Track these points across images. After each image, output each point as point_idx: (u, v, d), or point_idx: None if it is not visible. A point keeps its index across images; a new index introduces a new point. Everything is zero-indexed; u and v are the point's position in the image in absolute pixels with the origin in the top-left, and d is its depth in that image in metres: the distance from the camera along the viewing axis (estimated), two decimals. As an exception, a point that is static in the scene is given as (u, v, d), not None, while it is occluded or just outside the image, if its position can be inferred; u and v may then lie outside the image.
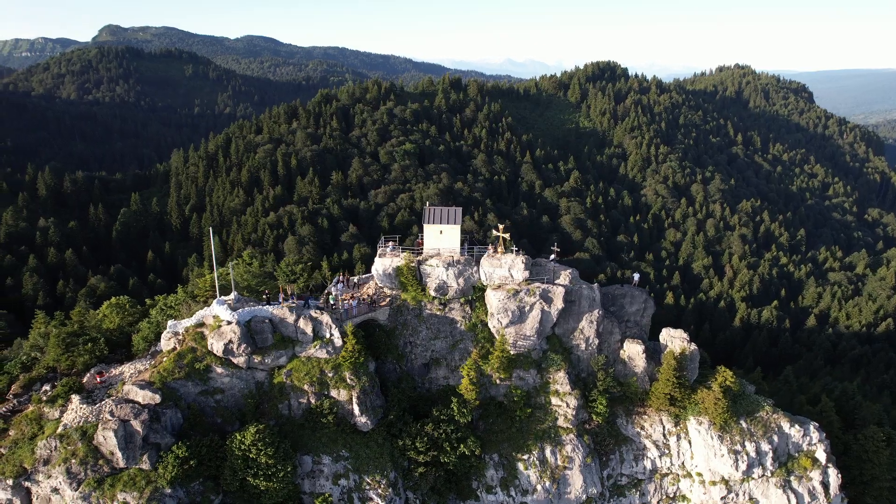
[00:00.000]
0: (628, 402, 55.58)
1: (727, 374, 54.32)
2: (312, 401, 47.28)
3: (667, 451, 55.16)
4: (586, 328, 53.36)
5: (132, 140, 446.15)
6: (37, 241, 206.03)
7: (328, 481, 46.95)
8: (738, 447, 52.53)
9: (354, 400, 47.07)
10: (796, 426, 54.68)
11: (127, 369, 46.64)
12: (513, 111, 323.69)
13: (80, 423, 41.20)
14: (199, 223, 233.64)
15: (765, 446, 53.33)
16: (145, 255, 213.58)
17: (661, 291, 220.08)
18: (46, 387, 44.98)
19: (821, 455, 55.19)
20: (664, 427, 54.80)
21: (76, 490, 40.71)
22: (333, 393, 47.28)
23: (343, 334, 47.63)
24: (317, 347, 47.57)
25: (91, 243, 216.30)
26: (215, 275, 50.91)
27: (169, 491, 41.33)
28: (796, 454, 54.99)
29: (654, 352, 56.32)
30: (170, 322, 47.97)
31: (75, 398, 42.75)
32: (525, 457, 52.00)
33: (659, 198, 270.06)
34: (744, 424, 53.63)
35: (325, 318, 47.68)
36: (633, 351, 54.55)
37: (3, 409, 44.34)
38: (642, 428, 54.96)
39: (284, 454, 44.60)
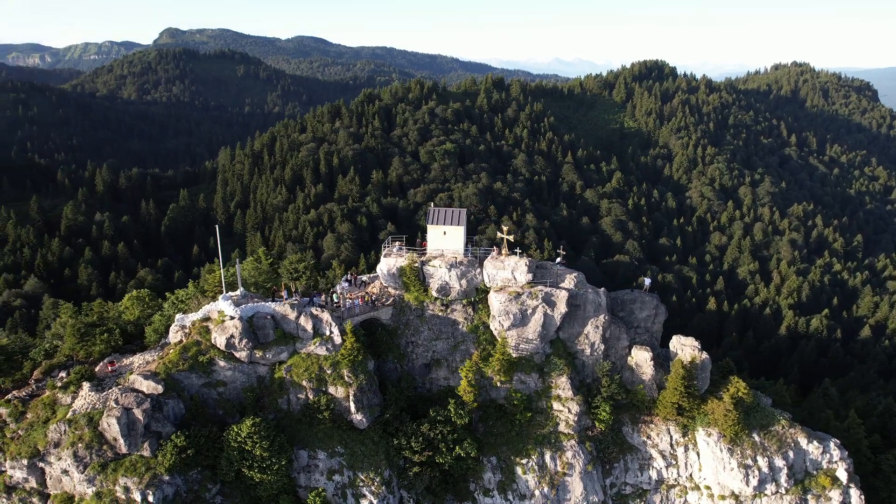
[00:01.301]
0: (635, 410, 54.29)
1: (740, 384, 52.38)
2: (310, 396, 48.31)
3: (674, 462, 53.66)
4: (591, 333, 52.45)
5: (185, 138, 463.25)
6: (93, 235, 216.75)
7: (323, 476, 47.90)
8: (750, 461, 50.58)
9: (351, 397, 47.83)
10: (815, 442, 52.25)
11: (137, 360, 48.81)
12: (556, 111, 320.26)
13: (88, 410, 43.43)
14: (244, 219, 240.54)
15: (779, 462, 51.20)
16: (191, 249, 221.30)
17: (703, 296, 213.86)
18: (62, 374, 47.62)
19: (842, 474, 52.57)
20: (671, 437, 53.32)
21: (82, 473, 42.99)
22: (331, 390, 48.17)
23: (342, 332, 48.44)
24: (316, 344, 48.57)
25: (142, 237, 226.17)
26: (221, 271, 52.60)
27: (167, 478, 43.10)
28: (815, 472, 52.57)
29: (664, 359, 54.86)
30: (178, 316, 49.87)
31: (86, 385, 45.10)
32: (524, 461, 51.56)
33: (704, 200, 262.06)
34: (756, 438, 51.62)
35: (325, 315, 48.59)
36: (641, 358, 53.26)
37: (24, 393, 47.21)
38: (648, 437, 53.62)
39: (279, 448, 45.78)
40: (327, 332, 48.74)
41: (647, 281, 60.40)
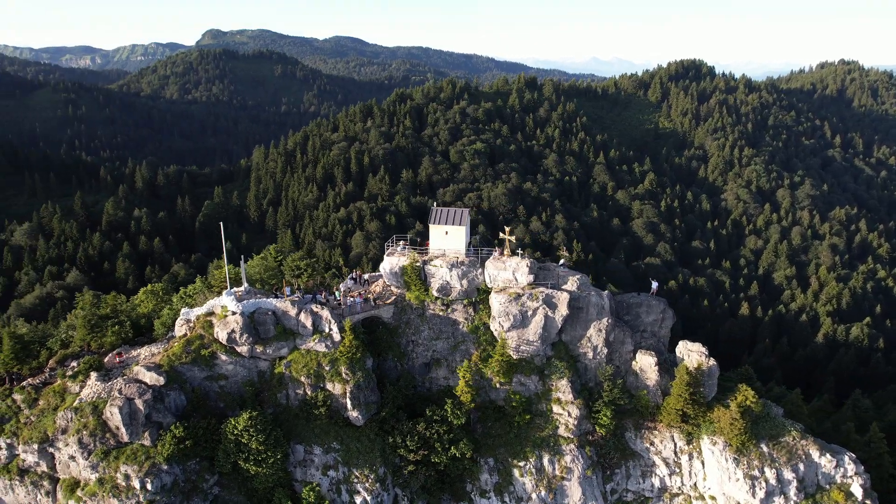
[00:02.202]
0: (638, 416, 53.22)
1: (748, 392, 50.77)
2: (308, 392, 49.02)
3: (677, 470, 52.42)
4: (594, 336, 51.66)
5: (223, 136, 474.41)
6: (131, 230, 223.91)
7: (318, 471, 48.54)
8: (756, 472, 49.04)
9: (348, 394, 48.31)
10: (827, 455, 50.31)
11: (144, 352, 50.37)
12: (589, 111, 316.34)
13: (94, 399, 45.03)
14: (275, 217, 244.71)
15: (788, 474, 49.46)
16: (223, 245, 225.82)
17: (735, 301, 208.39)
18: (74, 363, 49.48)
19: (857, 489, 50.51)
20: (676, 444, 52.08)
21: (86, 459, 44.66)
22: (329, 386, 48.75)
23: (341, 330, 48.96)
24: (316, 341, 49.23)
25: (177, 232, 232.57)
26: (226, 268, 53.84)
27: (165, 467, 44.38)
28: (827, 486, 50.62)
29: (670, 365, 53.64)
30: (183, 310, 51.28)
31: (93, 375, 46.77)
32: (521, 463, 51.16)
33: (740, 203, 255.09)
34: (765, 448, 49.97)
35: (325, 313, 49.21)
36: (645, 363, 52.18)
37: (38, 380, 49.30)
38: (652, 444, 52.51)
39: (275, 441, 46.58)
40: (326, 329, 49.37)
41: (655, 284, 59.14)
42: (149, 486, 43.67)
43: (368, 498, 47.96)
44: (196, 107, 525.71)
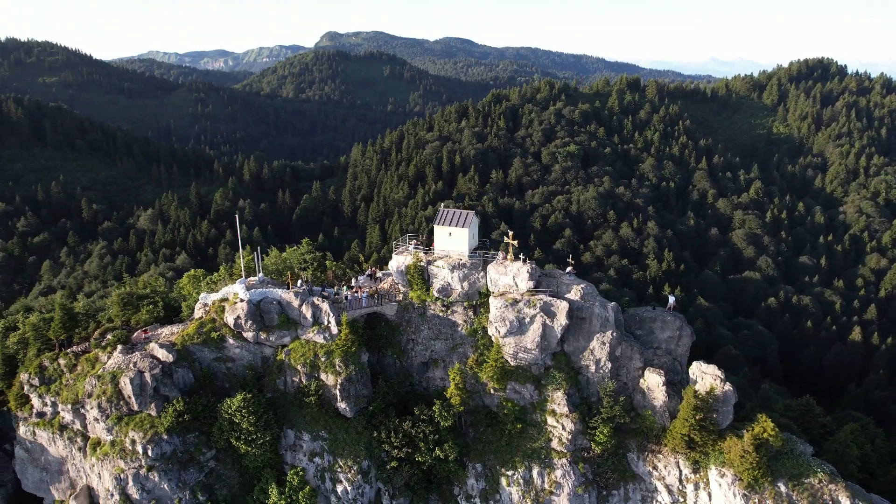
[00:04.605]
0: (642, 437, 49.96)
1: (767, 424, 46.01)
2: (303, 380, 50.95)
3: (681, 500, 48.61)
4: (597, 349, 49.20)
5: (331, 133, 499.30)
6: (235, 219, 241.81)
7: (305, 457, 50.36)
8: (770, 512, 44.46)
9: (338, 386, 49.65)
10: (859, 503, 44.54)
11: (166, 330, 54.87)
12: (694, 114, 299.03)
13: (114, 369, 49.81)
14: (367, 212, 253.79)
15: (808, 518, 44.37)
16: (317, 237, 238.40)
17: (846, 325, 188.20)
18: (109, 336, 54.96)
19: (898, 545, 44.33)
20: (681, 471, 48.36)
21: (104, 422, 49.61)
22: (322, 376, 50.39)
23: (339, 323, 50.43)
24: (315, 332, 51.05)
25: (276, 223, 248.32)
26: (241, 257, 57.23)
27: (166, 437, 48.25)
28: (859, 538, 44.87)
29: (682, 385, 49.91)
30: (202, 294, 55.22)
31: (119, 347, 51.74)
32: (510, 473, 49.85)
33: (862, 216, 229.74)
34: (782, 488, 45.10)
35: (325, 305, 50.91)
36: (653, 381, 48.89)
37: (80, 348, 55.41)
38: (655, 468, 49.13)
39: (266, 424, 48.95)
40: (325, 322, 51.12)
41: (672, 299, 55.13)
42: (150, 453, 47.83)
43: (349, 488, 49.23)
44: (309, 105, 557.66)
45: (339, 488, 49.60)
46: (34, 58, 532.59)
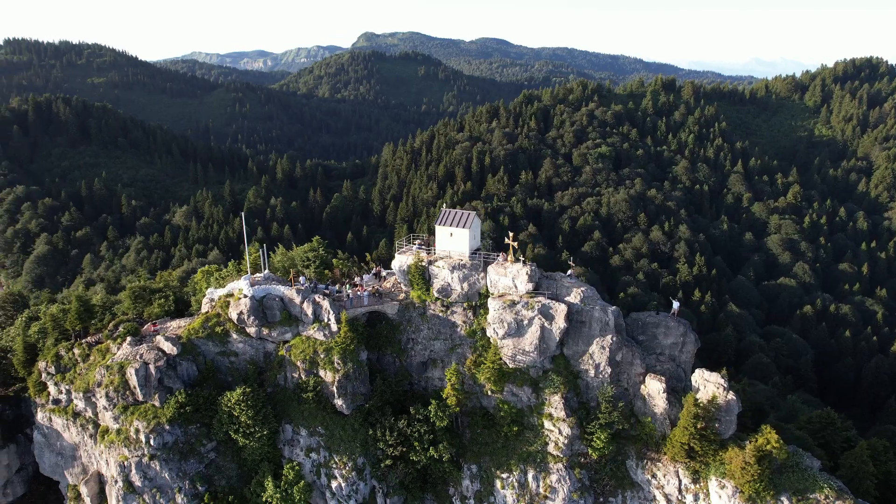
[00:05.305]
0: (642, 444, 48.86)
1: (771, 436, 44.41)
2: (303, 376, 51.56)
3: (681, 510, 47.45)
4: (597, 353, 48.34)
5: (365, 133, 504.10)
6: (267, 216, 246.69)
7: (302, 452, 50.96)
8: (771, 527, 42.90)
9: (336, 383, 50.06)
10: (868, 521, 42.62)
11: (174, 324, 56.30)
12: (732, 116, 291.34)
13: (122, 360, 51.34)
14: (395, 212, 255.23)
15: (813, 535, 42.69)
16: (346, 236, 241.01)
17: (888, 336, 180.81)
18: (121, 328, 56.66)
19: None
20: (681, 481, 47.10)
21: (111, 411, 51.21)
22: (321, 373, 50.88)
23: (339, 321, 50.88)
24: (315, 329, 51.61)
25: (306, 221, 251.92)
26: (247, 254, 58.14)
27: (168, 427, 49.50)
28: (869, 557, 42.95)
29: (686, 393, 48.58)
30: (209, 289, 56.46)
31: (128, 339, 53.31)
32: (504, 475, 49.42)
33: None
34: (786, 502, 43.48)
35: (325, 303, 51.41)
36: (654, 388, 47.73)
37: (94, 339, 57.34)
38: (654, 476, 47.97)
39: (264, 418, 49.73)
40: (325, 319, 51.67)
41: (676, 304, 53.75)
42: (152, 442, 49.18)
43: (343, 484, 49.66)
44: (343, 105, 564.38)
45: (334, 484, 50.11)
46: (84, 59, 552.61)
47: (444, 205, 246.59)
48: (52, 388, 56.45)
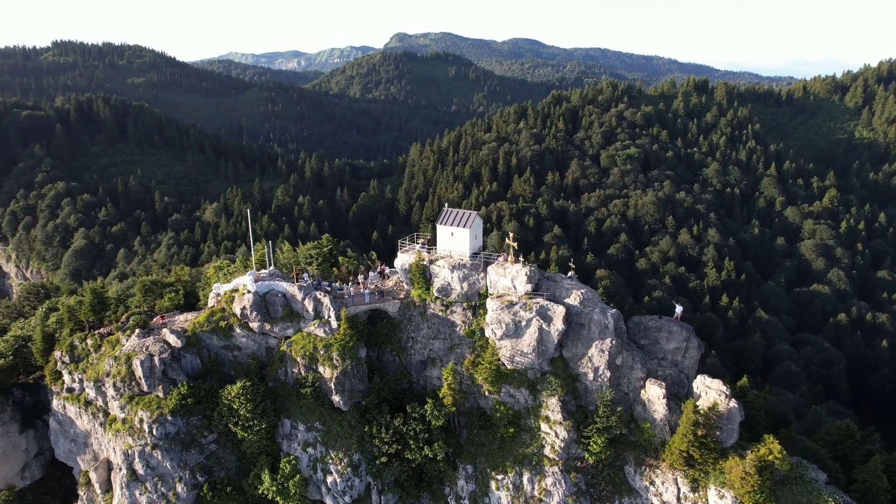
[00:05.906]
0: (640, 450, 47.84)
1: (773, 446, 42.98)
2: (302, 372, 52.12)
3: (679, 518, 46.31)
4: (596, 357, 47.54)
5: (395, 133, 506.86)
6: (294, 214, 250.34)
7: (299, 446, 51.53)
8: (772, 539, 41.59)
9: (334, 379, 50.43)
10: (875, 537, 40.95)
11: (181, 317, 57.57)
12: (766, 118, 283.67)
13: (130, 351, 52.73)
14: (421, 211, 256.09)
15: (816, 549, 41.20)
16: (371, 234, 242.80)
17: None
18: (131, 320, 58.18)
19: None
20: (679, 489, 45.96)
21: (118, 400, 52.68)
22: (320, 369, 51.33)
23: (339, 318, 51.25)
24: (315, 325, 52.13)
25: (333, 220, 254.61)
26: (251, 250, 58.98)
27: (170, 418, 50.66)
28: (876, 574, 41.29)
29: (686, 398, 47.41)
30: (215, 285, 57.56)
31: (137, 331, 54.74)
32: (500, 477, 49.02)
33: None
34: (788, 514, 42.13)
35: (326, 300, 51.87)
36: (654, 393, 46.70)
37: (106, 330, 59.05)
38: (652, 483, 46.93)
39: (263, 412, 50.43)
40: (325, 316, 52.14)
41: (679, 309, 52.48)
42: (155, 432, 50.42)
43: (338, 480, 50.02)
44: (374, 105, 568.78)
45: (329, 479, 50.57)
46: (125, 60, 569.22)
47: (471, 205, 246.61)
48: (66, 377, 58.38)
